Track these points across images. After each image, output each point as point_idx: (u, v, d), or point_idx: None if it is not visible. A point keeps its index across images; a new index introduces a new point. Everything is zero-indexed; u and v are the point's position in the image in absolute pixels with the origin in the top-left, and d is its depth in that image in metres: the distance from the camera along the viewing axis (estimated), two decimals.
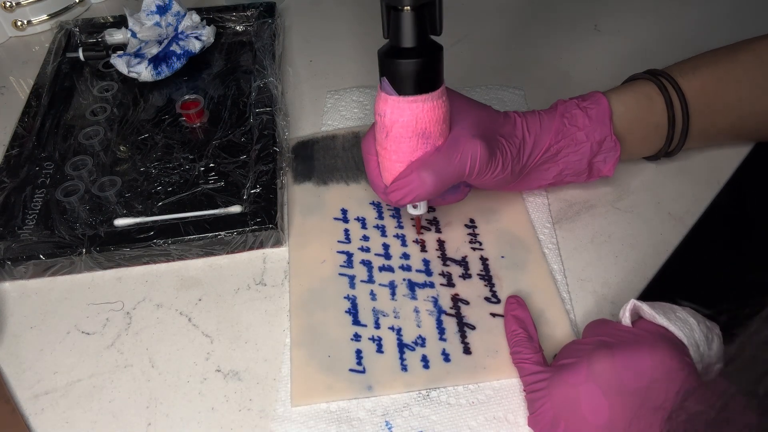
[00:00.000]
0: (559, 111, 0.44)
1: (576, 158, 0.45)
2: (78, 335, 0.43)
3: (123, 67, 0.61)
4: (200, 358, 0.42)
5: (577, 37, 0.65)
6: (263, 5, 0.69)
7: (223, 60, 0.64)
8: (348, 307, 0.43)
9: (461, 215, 0.48)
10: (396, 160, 0.41)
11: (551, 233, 0.47)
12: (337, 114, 0.58)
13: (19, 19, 0.69)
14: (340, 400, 0.39)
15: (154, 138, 0.56)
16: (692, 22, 0.65)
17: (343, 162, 0.53)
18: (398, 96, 0.39)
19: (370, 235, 0.48)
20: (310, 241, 0.47)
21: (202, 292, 0.45)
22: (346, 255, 0.46)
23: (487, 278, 0.45)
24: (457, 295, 0.44)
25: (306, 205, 0.50)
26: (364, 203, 0.50)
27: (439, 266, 0.45)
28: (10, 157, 0.53)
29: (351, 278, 0.45)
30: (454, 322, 0.42)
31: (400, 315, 0.43)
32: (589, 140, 0.44)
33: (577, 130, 0.44)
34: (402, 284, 0.44)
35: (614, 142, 0.44)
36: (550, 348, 0.40)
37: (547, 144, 0.44)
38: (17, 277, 0.46)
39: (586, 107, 0.44)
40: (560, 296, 0.43)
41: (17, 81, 0.65)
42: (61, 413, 0.39)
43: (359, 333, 0.42)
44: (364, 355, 0.41)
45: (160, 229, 0.46)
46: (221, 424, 0.38)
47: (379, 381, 0.39)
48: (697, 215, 0.48)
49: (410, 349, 0.41)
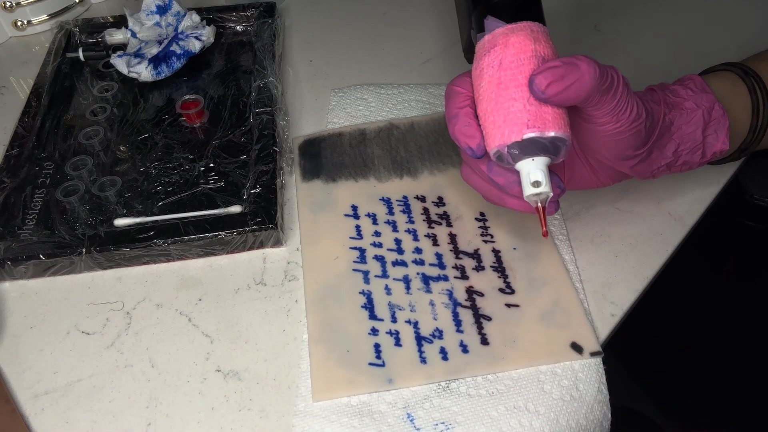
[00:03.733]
0: (658, 87, 0.43)
1: (690, 129, 0.42)
2: (78, 335, 0.43)
3: (123, 67, 0.61)
4: (200, 358, 0.42)
5: (577, 37, 0.65)
6: (263, 5, 0.69)
7: (223, 60, 0.64)
8: (364, 302, 0.43)
9: (471, 209, 0.49)
10: (515, 91, 0.35)
11: (561, 224, 0.47)
12: (342, 112, 0.58)
13: (19, 19, 0.69)
14: (362, 394, 0.39)
15: (154, 138, 0.56)
16: (692, 22, 0.65)
17: (351, 159, 0.53)
18: (510, 24, 0.36)
19: (381, 231, 0.48)
20: (322, 237, 0.47)
21: (202, 292, 0.45)
22: (359, 251, 0.46)
23: (500, 270, 0.45)
24: (472, 287, 0.44)
25: (316, 202, 0.50)
26: (374, 199, 0.50)
27: (452, 259, 0.45)
28: (10, 157, 0.53)
29: (365, 273, 0.45)
30: (470, 313, 0.42)
31: (416, 308, 0.43)
32: (699, 108, 0.42)
33: (683, 100, 0.42)
34: (416, 278, 0.45)
35: (722, 110, 0.42)
36: (568, 338, 0.40)
37: (662, 113, 0.41)
38: (17, 277, 0.46)
39: (683, 82, 0.43)
40: (574, 286, 0.43)
41: (17, 81, 0.65)
42: (61, 413, 0.39)
43: (376, 327, 0.42)
44: (383, 349, 0.41)
45: (160, 229, 0.46)
46: (221, 424, 0.38)
47: (399, 374, 0.39)
48: (697, 215, 0.48)
49: (428, 342, 0.41)
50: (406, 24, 0.68)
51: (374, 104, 0.58)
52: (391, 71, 0.62)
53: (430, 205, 0.49)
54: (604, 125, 0.37)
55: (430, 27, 0.68)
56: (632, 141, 0.39)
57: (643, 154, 0.41)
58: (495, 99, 0.36)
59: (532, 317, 0.42)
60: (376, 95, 0.59)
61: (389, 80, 0.61)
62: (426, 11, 0.70)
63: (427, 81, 0.60)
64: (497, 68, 0.36)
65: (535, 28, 0.36)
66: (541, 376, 0.39)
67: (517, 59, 0.35)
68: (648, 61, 0.49)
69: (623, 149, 0.39)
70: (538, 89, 0.34)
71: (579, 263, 0.45)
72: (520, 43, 0.35)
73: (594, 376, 0.39)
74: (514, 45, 0.35)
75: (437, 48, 0.65)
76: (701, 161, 0.44)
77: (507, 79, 0.35)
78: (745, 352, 0.54)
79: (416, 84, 0.60)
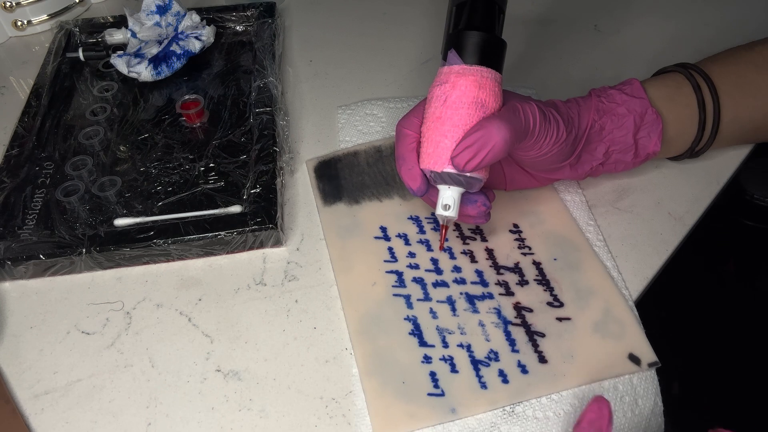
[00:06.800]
0: (594, 93, 0.45)
1: (621, 133, 0.44)
2: (78, 335, 0.43)
3: (123, 67, 0.61)
4: (200, 358, 0.42)
5: (577, 37, 0.65)
6: (263, 5, 0.69)
7: (223, 60, 0.64)
8: (411, 328, 0.41)
9: (504, 222, 0.47)
10: (449, 129, 0.40)
11: (596, 230, 0.47)
12: (354, 129, 0.56)
13: (19, 19, 0.69)
14: (425, 427, 0.37)
15: (154, 138, 0.56)
16: (693, 22, 0.65)
17: (371, 178, 0.51)
18: (464, 64, 0.40)
19: (416, 251, 0.46)
20: (355, 263, 0.45)
21: (202, 292, 0.45)
22: (396, 274, 0.45)
23: (544, 282, 0.43)
24: (519, 303, 0.42)
25: (342, 227, 0.48)
26: (403, 218, 0.48)
27: (493, 276, 0.44)
28: (10, 157, 0.53)
29: (407, 298, 0.43)
30: (522, 331, 0.41)
31: (466, 330, 0.41)
32: (630, 113, 0.44)
33: (616, 105, 0.44)
34: (460, 298, 0.43)
35: (655, 115, 0.44)
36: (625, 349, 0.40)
37: (590, 120, 0.44)
38: (17, 277, 0.46)
39: (620, 88, 0.45)
40: (621, 294, 0.43)
41: (17, 81, 0.65)
42: (61, 413, 0.39)
43: (429, 354, 0.40)
44: (440, 377, 0.39)
45: (160, 229, 0.46)
46: (221, 424, 0.38)
47: (461, 402, 0.38)
48: (697, 215, 0.48)
49: (485, 365, 0.39)
50: (406, 24, 0.68)
51: (385, 119, 0.57)
52: (391, 71, 0.63)
53: None
54: (528, 152, 0.42)
55: (430, 27, 0.68)
56: (557, 157, 0.43)
57: (572, 160, 0.44)
58: (432, 129, 0.40)
59: (586, 329, 0.41)
60: (386, 109, 0.58)
61: (389, 80, 0.61)
62: (426, 11, 0.70)
63: (428, 82, 0.60)
64: (442, 103, 0.40)
65: (486, 75, 0.40)
66: (605, 393, 0.38)
67: (459, 102, 0.40)
68: (648, 61, 0.49)
69: (550, 164, 0.44)
70: (458, 168, 0.39)
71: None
72: (465, 88, 0.40)
73: (651, 388, 0.38)
74: (460, 88, 0.40)
75: (437, 48, 0.65)
76: (635, 161, 0.46)
77: (446, 117, 0.40)
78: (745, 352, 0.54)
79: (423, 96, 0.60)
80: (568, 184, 0.50)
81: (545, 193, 0.49)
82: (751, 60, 0.47)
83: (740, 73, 0.46)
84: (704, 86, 0.46)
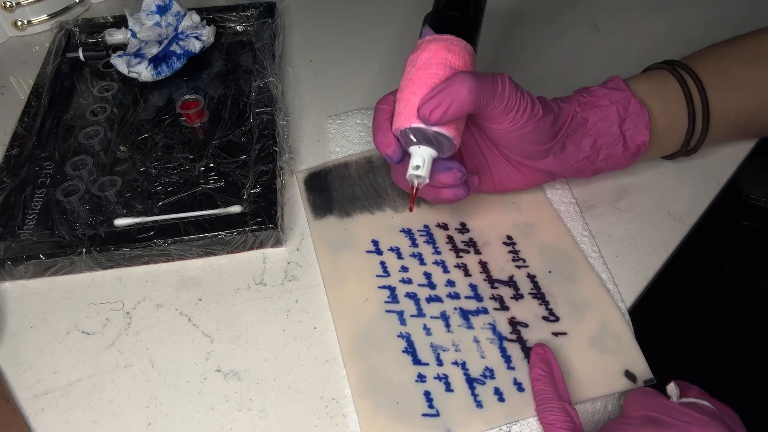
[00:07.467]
0: (576, 91, 0.45)
1: (606, 125, 0.44)
2: (78, 335, 0.43)
3: (123, 67, 0.61)
4: (200, 358, 0.42)
5: (577, 37, 0.65)
6: (263, 5, 0.69)
7: (223, 60, 0.64)
8: (404, 346, 0.41)
9: (497, 233, 0.47)
10: (418, 87, 0.40)
11: (591, 242, 0.46)
12: (344, 140, 0.55)
13: (19, 19, 0.69)
14: None
15: (154, 138, 0.56)
16: (693, 22, 0.65)
17: (363, 190, 0.50)
18: (436, 34, 0.41)
19: (408, 265, 0.45)
20: (347, 278, 0.45)
21: (202, 292, 0.45)
22: (389, 290, 0.44)
23: (540, 296, 0.43)
24: (514, 318, 0.42)
25: (333, 240, 0.47)
26: (395, 231, 0.47)
27: (487, 290, 0.43)
28: (10, 157, 0.53)
29: (400, 314, 0.42)
30: (518, 347, 0.40)
31: (461, 347, 0.40)
32: (613, 104, 0.44)
33: (598, 98, 0.44)
34: (454, 314, 0.42)
35: (639, 105, 0.44)
36: (621, 365, 0.39)
37: (572, 111, 0.43)
38: (17, 277, 0.46)
39: (602, 84, 0.46)
40: (617, 306, 0.42)
41: (17, 81, 0.65)
42: (61, 413, 0.39)
43: (423, 373, 0.39)
44: (434, 396, 0.38)
45: (160, 229, 0.46)
46: (221, 424, 0.38)
47: (457, 422, 0.37)
48: (697, 215, 0.48)
49: (480, 383, 0.39)
50: (406, 24, 0.68)
51: None
52: (390, 71, 0.62)
53: (453, 232, 0.47)
54: (501, 124, 0.41)
55: None
56: (534, 137, 0.42)
57: (554, 148, 0.43)
58: (404, 90, 0.41)
59: (582, 344, 0.40)
60: None
61: (388, 80, 0.61)
62: (425, 11, 0.70)
63: None
64: (413, 66, 0.41)
65: (456, 43, 0.41)
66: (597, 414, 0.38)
67: (428, 62, 0.40)
68: (647, 61, 0.49)
69: (527, 144, 0.42)
70: (424, 119, 0.39)
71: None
72: (434, 50, 0.40)
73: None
74: (430, 50, 0.40)
75: None
76: (625, 154, 0.45)
77: (415, 77, 0.40)
78: (745, 352, 0.54)
79: None
80: (561, 193, 0.49)
81: (539, 204, 0.48)
82: (733, 55, 0.47)
83: (723, 68, 0.46)
84: (689, 80, 0.46)
